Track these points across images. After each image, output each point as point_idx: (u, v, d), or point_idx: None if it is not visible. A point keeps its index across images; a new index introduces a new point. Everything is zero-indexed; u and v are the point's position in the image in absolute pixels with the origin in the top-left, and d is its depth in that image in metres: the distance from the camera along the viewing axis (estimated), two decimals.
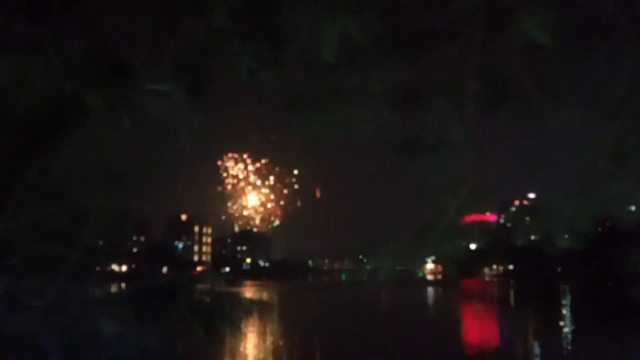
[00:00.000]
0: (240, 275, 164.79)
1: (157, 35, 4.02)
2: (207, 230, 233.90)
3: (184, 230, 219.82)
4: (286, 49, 4.03)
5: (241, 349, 30.68)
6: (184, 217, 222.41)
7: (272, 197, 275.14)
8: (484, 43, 4.14)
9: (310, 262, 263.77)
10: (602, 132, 4.32)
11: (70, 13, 4.43)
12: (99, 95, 3.69)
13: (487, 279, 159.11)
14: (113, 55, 4.11)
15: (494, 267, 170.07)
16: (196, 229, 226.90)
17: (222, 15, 3.82)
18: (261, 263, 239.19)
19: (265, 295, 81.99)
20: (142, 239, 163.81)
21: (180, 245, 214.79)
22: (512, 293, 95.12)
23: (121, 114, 3.81)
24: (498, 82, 4.48)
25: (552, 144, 4.81)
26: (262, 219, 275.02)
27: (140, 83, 3.91)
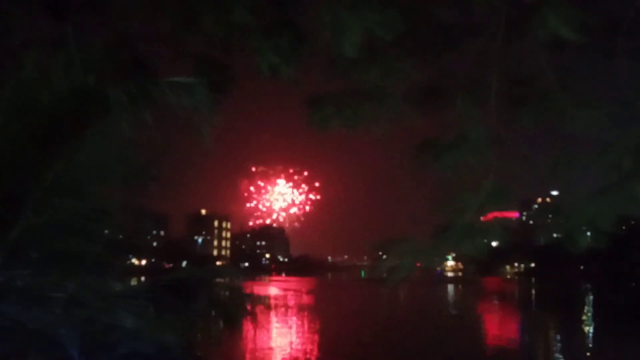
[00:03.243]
0: (259, 271, 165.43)
1: (179, 31, 4.04)
2: (226, 225, 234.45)
3: (204, 225, 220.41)
4: (308, 44, 4.02)
5: (259, 344, 30.81)
6: (203, 211, 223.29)
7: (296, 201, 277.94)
8: (507, 40, 4.09)
9: (329, 259, 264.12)
10: (627, 131, 4.25)
11: (93, 10, 4.47)
12: (120, 90, 3.71)
13: (507, 277, 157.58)
14: (134, 51, 4.13)
15: (515, 265, 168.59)
16: (216, 223, 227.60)
17: (244, 11, 3.82)
18: (280, 259, 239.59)
19: (283, 291, 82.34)
20: (162, 233, 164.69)
21: (200, 240, 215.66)
22: (533, 292, 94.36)
23: (142, 109, 3.83)
24: (521, 79, 4.43)
25: (575, 143, 4.76)
26: (284, 219, 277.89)
27: (161, 78, 3.93)
